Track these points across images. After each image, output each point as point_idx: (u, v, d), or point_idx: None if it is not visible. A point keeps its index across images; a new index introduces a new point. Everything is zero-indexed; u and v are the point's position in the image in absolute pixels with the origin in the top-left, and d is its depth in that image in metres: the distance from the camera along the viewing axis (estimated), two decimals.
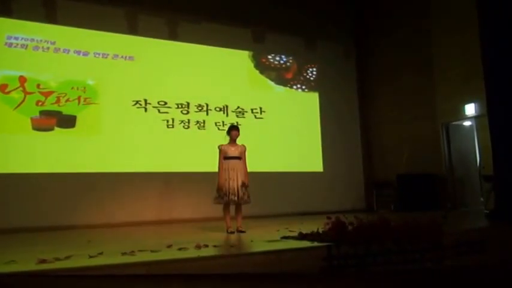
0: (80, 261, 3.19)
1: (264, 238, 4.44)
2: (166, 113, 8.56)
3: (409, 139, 9.31)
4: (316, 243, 3.70)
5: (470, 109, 8.30)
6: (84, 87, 7.94)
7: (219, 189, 5.24)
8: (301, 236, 4.17)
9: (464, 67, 8.15)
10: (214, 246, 3.82)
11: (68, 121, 7.75)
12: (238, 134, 5.44)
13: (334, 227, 3.57)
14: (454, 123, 8.82)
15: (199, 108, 8.86)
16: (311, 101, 10.08)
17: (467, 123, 8.87)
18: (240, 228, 5.24)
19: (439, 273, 3.29)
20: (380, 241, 3.20)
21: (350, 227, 3.53)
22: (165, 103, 8.56)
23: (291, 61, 10.02)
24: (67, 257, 3.28)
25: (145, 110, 8.40)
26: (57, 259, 3.19)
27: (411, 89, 9.44)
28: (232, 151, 5.35)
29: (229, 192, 5.17)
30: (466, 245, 3.86)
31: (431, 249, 3.50)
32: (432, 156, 8.88)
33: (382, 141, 10.14)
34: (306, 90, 10.09)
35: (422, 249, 3.47)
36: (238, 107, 9.23)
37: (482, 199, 7.94)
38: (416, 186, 8.70)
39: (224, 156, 5.32)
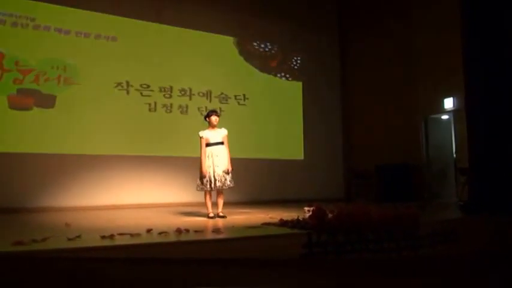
0: (58, 243, 3.15)
1: (245, 224, 4.47)
2: (149, 96, 8.44)
3: (389, 130, 9.45)
4: (296, 230, 3.76)
5: (448, 103, 8.46)
6: (65, 67, 7.75)
7: (202, 176, 5.19)
8: (282, 223, 4.22)
9: (444, 61, 8.26)
10: (195, 231, 3.83)
11: (47, 101, 7.57)
12: (218, 119, 5.39)
13: (315, 214, 3.62)
14: (432, 116, 8.99)
15: (182, 92, 8.77)
16: (294, 89, 10.10)
17: (445, 116, 9.04)
18: (221, 214, 5.26)
19: (414, 261, 3.38)
20: (359, 229, 3.26)
21: (330, 215, 3.59)
22: (148, 86, 8.44)
23: (275, 49, 9.98)
24: (44, 239, 3.24)
25: (127, 92, 8.26)
26: (34, 241, 3.15)
27: (393, 81, 9.55)
28: (214, 137, 5.32)
29: (214, 179, 5.15)
30: (441, 235, 3.97)
31: (407, 238, 3.59)
32: (410, 148, 9.04)
33: (362, 132, 10.27)
34: (290, 79, 10.10)
35: (399, 238, 3.55)
36: (221, 93, 9.18)
37: (457, 191, 8.15)
38: (394, 177, 8.85)
39: (206, 143, 5.28)
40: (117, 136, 8.01)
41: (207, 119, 5.41)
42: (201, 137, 5.31)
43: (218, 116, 5.41)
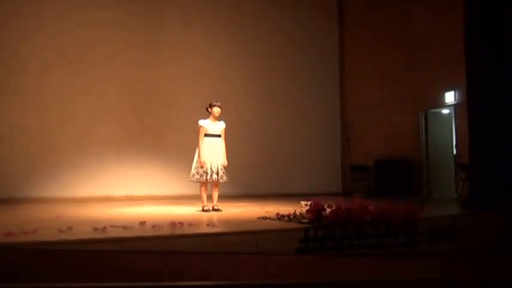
0: (49, 235, 3.09)
1: (241, 218, 4.40)
2: (145, 88, 8.30)
3: (389, 124, 9.38)
4: (293, 225, 3.69)
5: (449, 97, 8.37)
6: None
7: (200, 166, 5.07)
8: (279, 217, 4.15)
9: (445, 53, 8.18)
10: (190, 224, 3.76)
11: None
12: (220, 111, 5.26)
13: (312, 209, 3.54)
14: (432, 110, 8.91)
15: (180, 85, 8.64)
16: (292, 80, 9.96)
17: (445, 111, 8.97)
18: (216, 207, 5.18)
19: (412, 258, 3.32)
20: (357, 225, 3.20)
21: (328, 210, 3.51)
22: (146, 76, 8.32)
23: (272, 35, 9.77)
24: (34, 231, 3.17)
25: (122, 84, 8.11)
26: (24, 232, 3.08)
27: (392, 75, 9.46)
28: (214, 129, 5.21)
29: (211, 171, 5.05)
30: (440, 232, 3.91)
31: (405, 235, 3.53)
32: (410, 142, 8.97)
33: (360, 125, 10.18)
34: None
35: (397, 234, 3.50)
36: (217, 85, 9.04)
37: (456, 187, 8.10)
38: (393, 172, 8.79)
39: (205, 133, 5.17)
40: (111, 128, 7.89)
41: (209, 109, 5.28)
42: (200, 126, 5.19)
43: (221, 108, 5.29)
